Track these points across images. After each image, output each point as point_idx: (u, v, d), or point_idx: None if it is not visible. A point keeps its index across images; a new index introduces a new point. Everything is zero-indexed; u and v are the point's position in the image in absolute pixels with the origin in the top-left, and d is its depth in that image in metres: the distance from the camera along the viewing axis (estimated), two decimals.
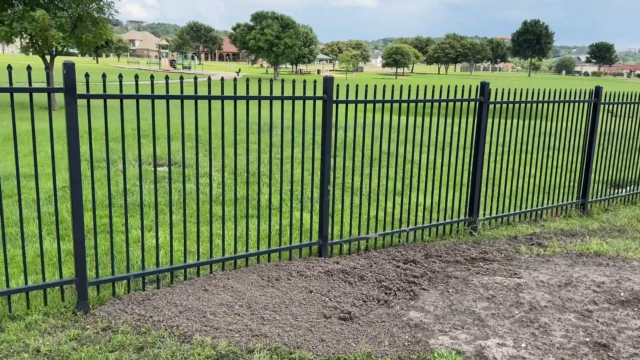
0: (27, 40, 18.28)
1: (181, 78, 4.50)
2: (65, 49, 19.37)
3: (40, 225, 4.11)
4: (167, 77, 4.35)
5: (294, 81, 4.95)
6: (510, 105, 6.73)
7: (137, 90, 4.29)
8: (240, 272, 4.99)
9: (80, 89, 4.04)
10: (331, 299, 4.50)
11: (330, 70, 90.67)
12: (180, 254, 5.28)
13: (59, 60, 19.85)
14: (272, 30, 57.57)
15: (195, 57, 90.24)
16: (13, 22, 17.13)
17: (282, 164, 5.20)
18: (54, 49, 18.53)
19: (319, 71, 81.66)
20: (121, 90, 4.22)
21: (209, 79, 4.54)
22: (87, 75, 4.08)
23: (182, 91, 4.51)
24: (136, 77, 4.34)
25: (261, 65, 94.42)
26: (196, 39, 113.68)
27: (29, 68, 3.89)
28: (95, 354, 3.55)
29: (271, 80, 4.90)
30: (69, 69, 3.89)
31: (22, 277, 4.67)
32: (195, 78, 4.53)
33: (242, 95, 4.76)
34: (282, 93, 5.00)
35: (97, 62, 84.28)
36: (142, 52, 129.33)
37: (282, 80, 4.96)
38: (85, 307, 4.19)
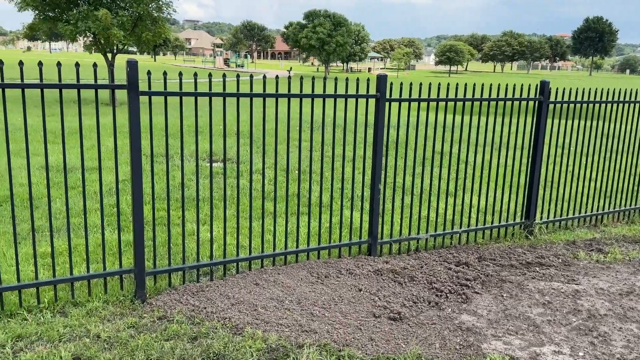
0: (91, 39, 19.13)
1: (238, 76, 4.59)
2: (125, 47, 20.14)
3: (102, 216, 4.30)
4: (224, 76, 4.45)
5: (347, 79, 4.95)
6: (571, 106, 6.47)
7: (195, 88, 4.41)
8: (290, 268, 5.05)
9: (142, 86, 4.20)
10: (380, 299, 4.48)
11: (381, 69, 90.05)
12: (232, 248, 5.40)
13: (120, 58, 20.67)
14: (324, 28, 57.75)
15: (248, 55, 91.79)
16: (78, 21, 17.97)
17: (333, 162, 5.21)
18: (115, 47, 19.30)
19: (369, 69, 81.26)
20: (181, 88, 4.35)
21: (264, 77, 4.60)
22: (149, 72, 4.22)
23: (238, 89, 4.59)
24: (195, 75, 4.46)
25: (312, 63, 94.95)
26: (249, 38, 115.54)
27: (94, 65, 4.07)
28: (151, 342, 3.68)
29: (324, 79, 4.92)
30: (132, 66, 4.04)
31: (84, 265, 4.91)
32: (251, 76, 4.60)
33: (296, 93, 4.80)
34: (335, 91, 5.01)
35: (155, 60, 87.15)
36: (197, 51, 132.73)
37: (336, 79, 4.98)
38: (143, 296, 4.35)
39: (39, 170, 8.38)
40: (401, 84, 5.40)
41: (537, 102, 6.14)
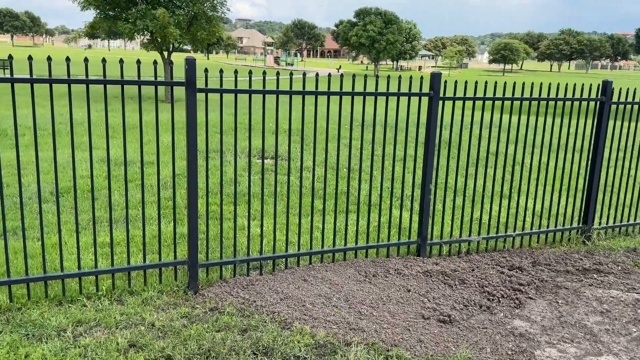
0: (148, 37, 19.78)
1: (291, 74, 4.63)
2: (180, 45, 20.71)
3: (159, 209, 4.45)
4: (277, 74, 4.50)
5: (399, 77, 4.91)
6: (635, 107, 6.17)
7: (250, 86, 4.48)
8: (337, 265, 5.06)
9: (198, 83, 4.30)
10: (430, 300, 4.42)
11: (432, 67, 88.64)
12: (281, 244, 5.46)
13: (175, 57, 21.17)
14: (374, 26, 57.42)
15: (298, 54, 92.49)
16: (136, 20, 18.62)
17: (383, 161, 5.18)
18: (171, 46, 19.88)
19: (420, 67, 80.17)
20: (236, 86, 4.43)
21: (317, 75, 4.62)
22: (206, 70, 4.33)
23: (290, 87, 4.63)
24: (250, 73, 4.53)
25: (361, 61, 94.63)
26: (300, 36, 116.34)
27: (155, 63, 4.21)
28: (203, 332, 3.78)
29: (377, 77, 4.89)
30: (191, 64, 4.16)
31: (139, 255, 5.09)
32: (304, 74, 4.64)
33: (348, 91, 4.80)
34: (388, 89, 4.97)
35: (208, 58, 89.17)
36: (248, 50, 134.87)
37: (388, 77, 4.94)
38: (195, 288, 4.47)
39: (98, 163, 8.74)
40: (455, 82, 5.30)
41: (598, 102, 5.89)
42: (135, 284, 4.49)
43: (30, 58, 3.85)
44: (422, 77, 5.07)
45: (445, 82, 5.08)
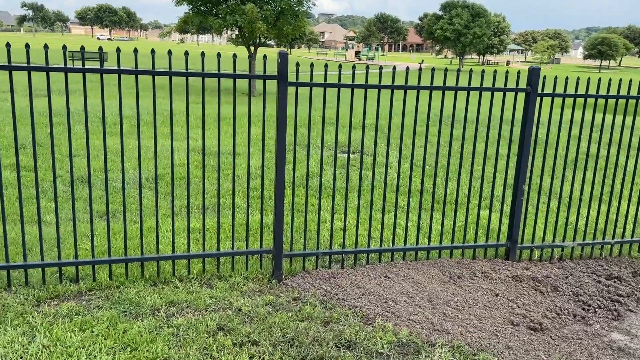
0: (236, 32, 20.42)
1: (380, 68, 4.58)
2: (266, 40, 21.21)
3: (248, 199, 4.57)
4: (367, 68, 4.47)
5: (495, 71, 4.71)
6: None
7: (339, 80, 4.49)
8: (420, 264, 4.97)
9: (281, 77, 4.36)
10: (519, 306, 4.23)
11: (521, 62, 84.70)
12: (362, 239, 5.45)
13: (259, 51, 21.61)
14: (461, 19, 55.71)
15: (379, 48, 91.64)
16: (227, 15, 19.27)
17: (473, 159, 5.01)
18: (257, 40, 20.41)
19: (508, 62, 76.80)
20: (325, 80, 4.45)
21: (407, 69, 4.54)
22: (297, 64, 4.38)
23: (380, 81, 4.59)
24: (340, 67, 4.54)
25: (445, 56, 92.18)
26: (382, 30, 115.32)
27: (250, 57, 4.32)
28: (287, 320, 3.85)
29: (471, 71, 4.72)
30: (283, 58, 4.22)
31: (227, 242, 5.27)
32: (394, 68, 4.57)
33: (439, 85, 4.68)
34: (482, 84, 4.79)
35: (291, 52, 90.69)
36: (329, 44, 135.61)
37: (482, 71, 4.76)
38: (279, 277, 4.57)
39: (180, 153, 9.16)
40: (555, 77, 5.01)
41: None
42: (223, 269, 4.66)
43: (135, 51, 4.08)
44: (519, 72, 4.84)
45: (544, 77, 4.82)
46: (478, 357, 3.51)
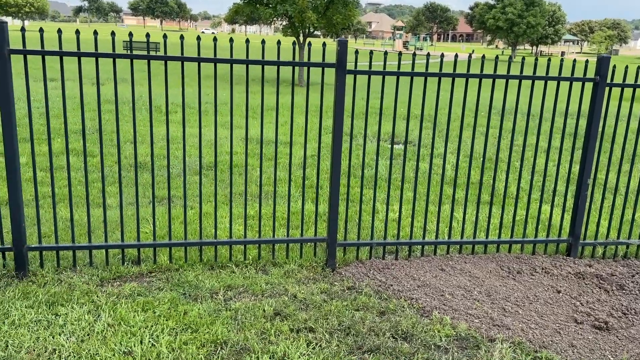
0: (286, 22, 20.48)
1: (442, 56, 4.49)
2: (315, 29, 21.17)
3: (303, 188, 4.58)
4: (428, 55, 4.37)
5: (562, 60, 4.52)
6: None
7: (398, 68, 4.42)
8: (477, 258, 4.86)
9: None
10: (583, 304, 4.08)
11: (577, 53, 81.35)
12: (416, 231, 5.38)
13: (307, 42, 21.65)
14: (514, 8, 53.93)
15: (428, 38, 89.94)
16: (277, 4, 19.35)
17: (536, 152, 4.84)
18: (307, 30, 20.41)
19: (563, 53, 73.91)
20: (384, 68, 4.39)
21: (469, 57, 4.42)
22: (356, 52, 4.34)
23: (440, 69, 4.49)
24: (399, 54, 4.47)
25: (496, 46, 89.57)
26: (431, 20, 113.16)
27: (309, 45, 4.30)
28: (342, 309, 3.85)
29: (536, 59, 4.55)
30: (342, 45, 4.19)
31: (281, 230, 5.32)
32: (456, 56, 4.46)
33: (502, 74, 4.53)
34: (547, 73, 4.61)
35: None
36: (377, 34, 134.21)
37: (549, 60, 4.58)
38: (333, 265, 4.57)
39: (241, 141, 9.28)
40: (626, 67, 4.76)
41: None
42: (278, 256, 4.70)
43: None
44: (587, 61, 4.62)
45: (614, 66, 4.59)
46: (540, 354, 3.40)
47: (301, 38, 20.74)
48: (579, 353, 3.43)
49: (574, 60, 4.72)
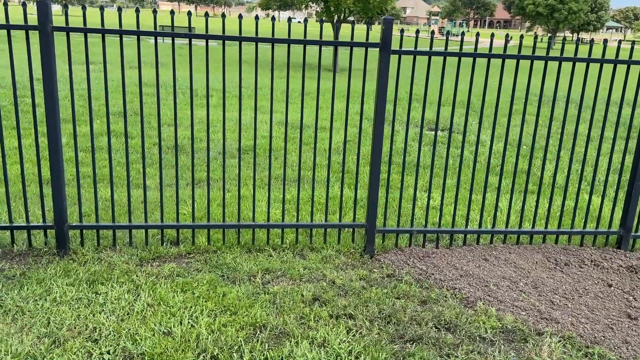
0: (322, 7, 20.24)
1: (492, 36, 4.29)
2: (351, 14, 20.87)
3: (343, 172, 4.47)
4: (477, 35, 4.18)
5: (633, 42, 4.26)
6: None
7: (446, 48, 4.24)
8: (522, 249, 4.68)
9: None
10: (636, 299, 3.87)
11: (620, 40, 78.21)
12: (457, 219, 5.22)
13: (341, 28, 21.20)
14: None
15: (464, 24, 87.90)
16: None
17: (588, 142, 4.60)
18: (342, 15, 20.15)
19: (605, 41, 71.23)
20: (431, 47, 4.22)
21: (521, 37, 4.21)
22: (402, 31, 4.18)
23: (490, 50, 4.29)
24: (447, 34, 4.28)
25: (535, 33, 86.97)
26: (467, 6, 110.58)
27: (352, 23, 4.17)
28: (382, 297, 3.75)
29: (605, 41, 4.30)
30: (388, 24, 4.04)
31: (317, 215, 5.23)
32: (507, 36, 4.25)
33: (555, 56, 4.31)
34: (603, 56, 4.37)
35: (371, 29, 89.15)
36: (411, 20, 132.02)
37: (605, 41, 4.32)
38: (372, 252, 4.47)
39: (276, 125, 9.22)
40: None
41: None
42: (316, 241, 4.62)
43: (240, 16, 4.05)
44: (619, 42, 4.35)
45: None
46: (592, 350, 3.24)
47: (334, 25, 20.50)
48: (633, 350, 3.25)
49: (619, 42, 4.43)
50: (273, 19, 4.00)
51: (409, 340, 3.29)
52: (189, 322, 3.32)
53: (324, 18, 20.77)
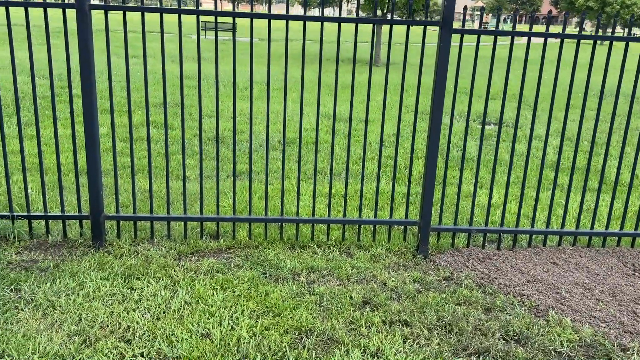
0: (361, 2, 19.81)
1: (549, 11, 3.83)
2: (392, 10, 20.36)
3: (395, 163, 4.10)
4: (549, 12, 3.74)
5: None
6: None
7: (514, 28, 3.82)
8: (594, 252, 4.21)
9: None
10: None
11: None
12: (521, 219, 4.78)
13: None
14: None
15: (508, 20, 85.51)
16: None
17: None
18: (385, 9, 19.67)
19: None
20: (497, 26, 3.81)
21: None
22: (465, 8, 3.78)
23: (563, 29, 3.83)
24: (507, 19, 3.85)
25: (584, 28, 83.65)
26: (513, 1, 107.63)
27: (410, 5, 3.80)
28: (441, 302, 3.37)
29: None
30: (450, 1, 3.65)
31: (365, 211, 4.88)
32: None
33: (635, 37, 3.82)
34: None
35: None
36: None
37: None
38: (425, 252, 4.09)
39: (321, 118, 8.90)
40: None
41: None
42: (363, 239, 4.28)
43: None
44: None
45: None
46: None
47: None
48: None
49: None
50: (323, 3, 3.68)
51: (474, 353, 2.91)
52: (229, 324, 3.03)
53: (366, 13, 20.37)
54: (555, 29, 65.62)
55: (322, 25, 3.77)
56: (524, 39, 23.29)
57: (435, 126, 3.88)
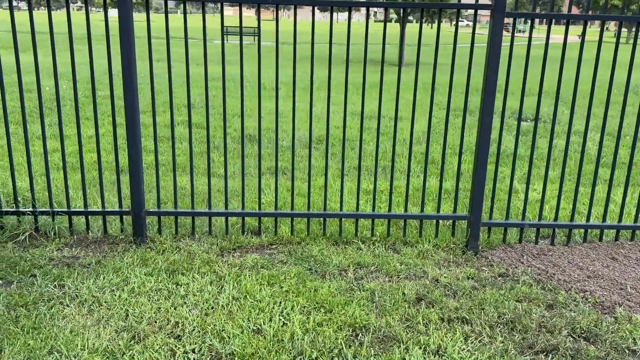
0: None
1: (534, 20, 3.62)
2: (414, 10, 20.14)
3: (443, 158, 3.94)
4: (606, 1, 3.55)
5: None
6: None
7: (569, 10, 3.64)
8: None
9: None
10: None
11: None
12: (568, 212, 4.58)
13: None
14: None
15: (529, 20, 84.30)
16: None
17: None
18: (403, 11, 19.47)
19: None
20: (552, 9, 3.63)
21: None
22: None
23: (623, 12, 3.64)
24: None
25: (607, 28, 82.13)
26: (532, 1, 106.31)
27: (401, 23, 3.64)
28: (500, 299, 3.20)
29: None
30: None
31: (410, 206, 4.72)
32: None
33: None
34: None
35: (431, 27, 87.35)
36: (471, 16, 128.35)
37: None
38: (476, 248, 3.91)
39: (350, 116, 8.77)
40: None
41: None
42: (409, 234, 4.12)
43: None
44: None
45: None
46: None
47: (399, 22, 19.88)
48: None
49: None
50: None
51: (541, 351, 2.74)
52: (280, 319, 2.90)
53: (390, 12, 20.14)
54: (575, 30, 64.54)
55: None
56: (560, 38, 22.85)
57: (487, 110, 3.70)
